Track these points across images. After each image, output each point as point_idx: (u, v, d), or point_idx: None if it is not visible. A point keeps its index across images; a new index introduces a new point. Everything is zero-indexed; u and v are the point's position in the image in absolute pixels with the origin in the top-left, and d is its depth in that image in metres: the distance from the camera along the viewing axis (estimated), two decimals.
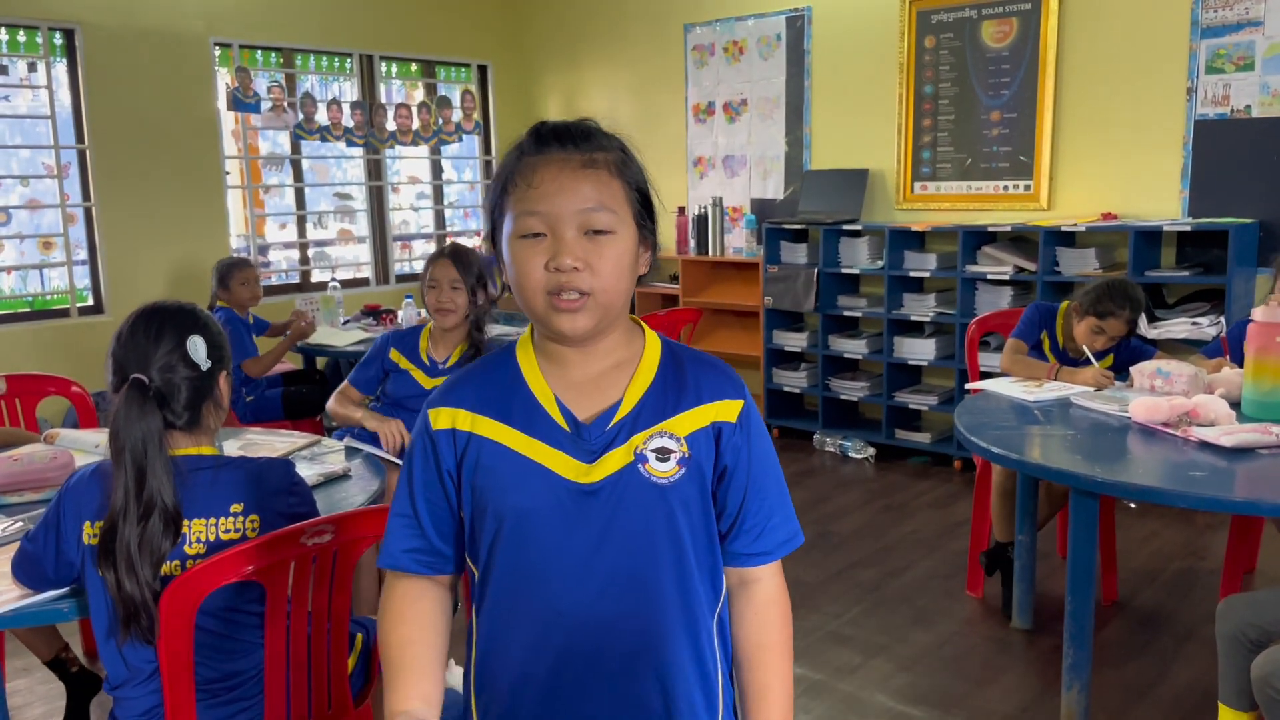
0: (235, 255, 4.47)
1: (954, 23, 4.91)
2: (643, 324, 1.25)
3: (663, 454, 1.15)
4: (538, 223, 1.11)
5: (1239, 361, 2.98)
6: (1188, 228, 4.11)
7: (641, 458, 1.15)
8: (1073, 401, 2.82)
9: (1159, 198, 4.43)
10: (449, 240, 6.80)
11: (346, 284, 6.10)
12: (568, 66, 6.66)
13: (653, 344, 1.22)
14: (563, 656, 1.16)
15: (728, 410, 1.19)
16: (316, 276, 6.11)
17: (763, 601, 1.23)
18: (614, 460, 1.15)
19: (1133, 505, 4.13)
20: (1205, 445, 2.33)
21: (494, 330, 4.31)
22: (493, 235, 1.20)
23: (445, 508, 1.20)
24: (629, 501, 1.14)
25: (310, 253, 6.16)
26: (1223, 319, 3.99)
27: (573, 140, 1.13)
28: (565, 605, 1.15)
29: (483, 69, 6.81)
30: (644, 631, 1.16)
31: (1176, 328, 4.06)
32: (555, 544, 1.15)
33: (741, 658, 1.23)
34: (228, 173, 5.65)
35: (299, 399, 4.25)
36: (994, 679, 2.83)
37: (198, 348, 1.64)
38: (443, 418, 1.18)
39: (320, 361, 4.93)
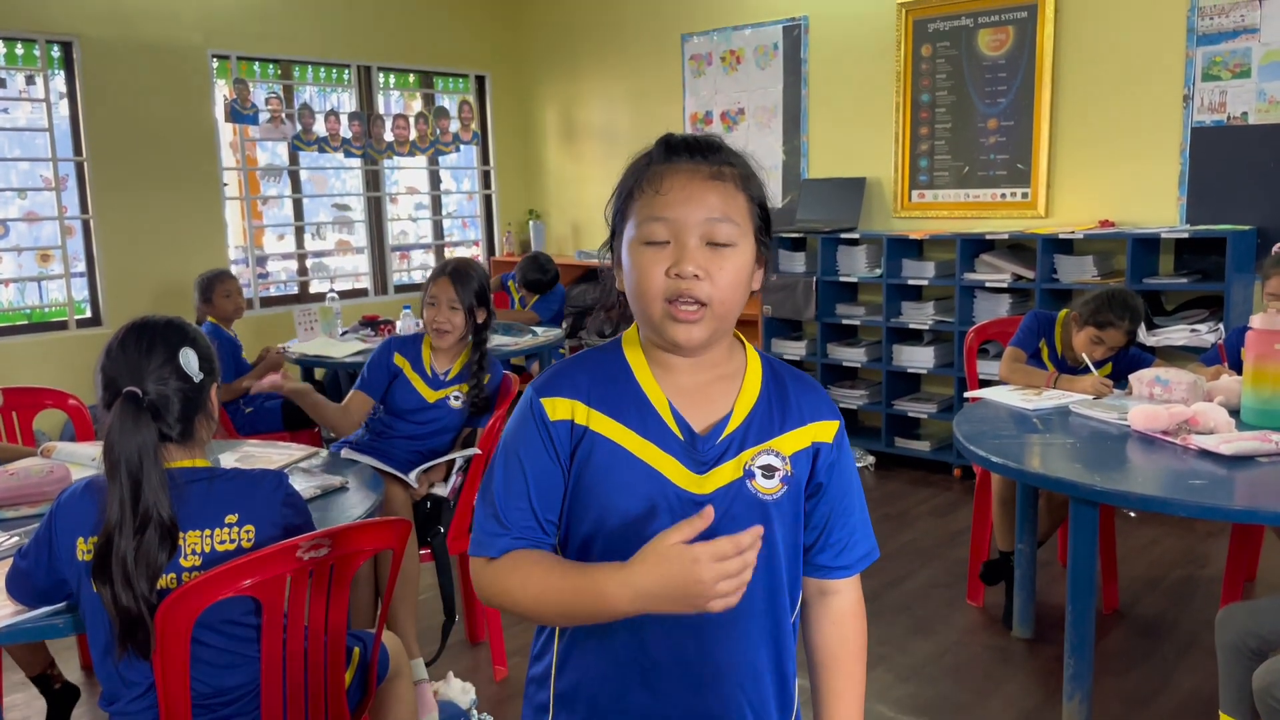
0: (215, 269, 4.46)
1: (950, 31, 4.92)
2: (742, 338, 1.26)
3: (768, 471, 1.18)
4: (662, 229, 1.12)
5: (1236, 368, 2.98)
6: (1186, 235, 4.11)
7: (749, 473, 1.17)
8: (1071, 410, 2.81)
9: (1157, 205, 4.43)
10: (449, 252, 6.82)
11: (345, 294, 6.10)
12: (566, 77, 6.67)
13: (754, 359, 1.24)
14: (653, 663, 1.16)
15: (826, 431, 1.23)
16: (315, 287, 6.11)
17: (842, 612, 1.27)
18: (724, 473, 1.16)
19: (1133, 514, 4.12)
20: (1205, 453, 2.32)
21: (491, 340, 4.30)
22: (610, 241, 1.21)
23: (557, 501, 1.18)
24: (735, 515, 1.15)
25: (308, 263, 6.16)
26: (1221, 326, 3.99)
27: (701, 152, 1.15)
28: (660, 616, 1.11)
29: (480, 79, 6.82)
30: (733, 640, 1.19)
31: (1175, 335, 4.06)
32: None
33: (817, 662, 1.28)
34: (226, 184, 5.66)
35: (298, 411, 4.24)
36: (995, 689, 2.81)
37: (190, 360, 1.64)
38: (560, 408, 1.16)
39: (319, 373, 4.93)
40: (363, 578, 2.57)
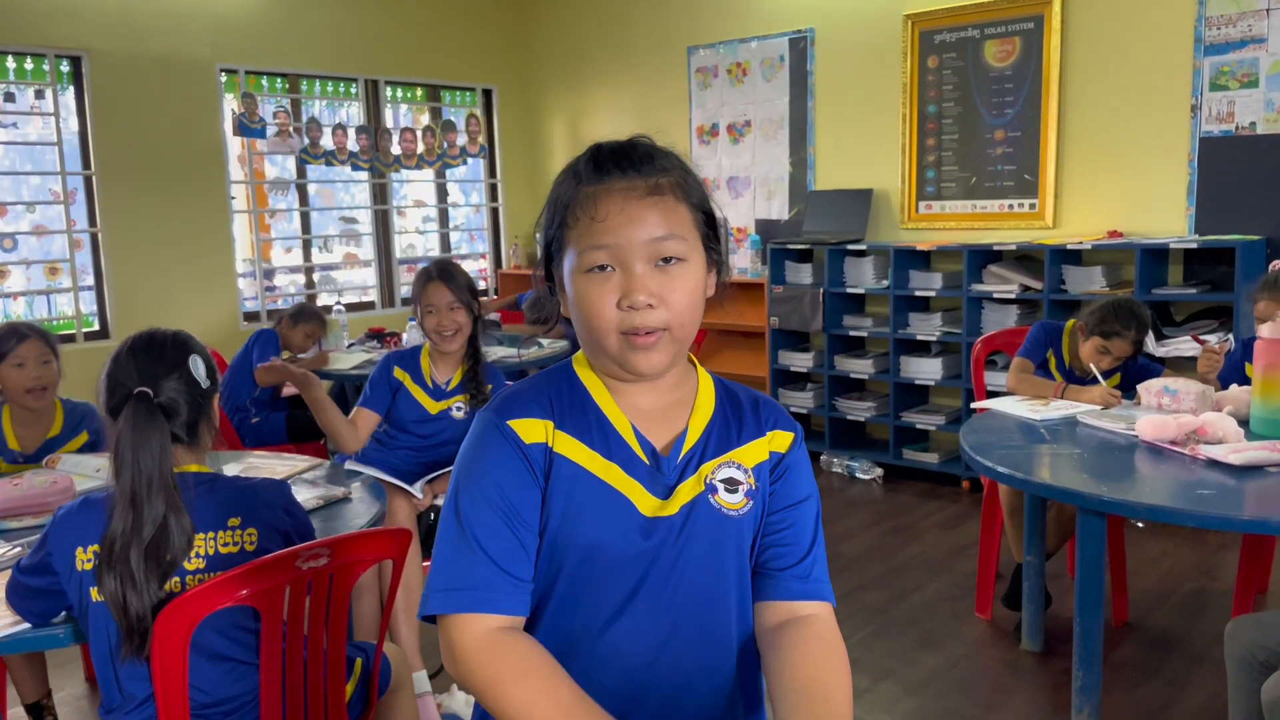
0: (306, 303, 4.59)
1: (956, 42, 4.92)
2: (693, 358, 1.22)
3: (731, 485, 1.13)
4: (605, 256, 1.06)
5: (1233, 380, 2.96)
6: (1194, 245, 4.09)
7: (711, 488, 1.12)
8: (1079, 420, 2.79)
9: (1165, 215, 4.41)
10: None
11: (352, 308, 6.11)
12: (572, 89, 6.69)
13: (705, 379, 1.21)
14: (628, 701, 1.09)
15: (781, 441, 1.19)
16: (322, 300, 6.12)
17: (821, 636, 1.12)
18: (686, 491, 1.11)
19: (1140, 524, 4.09)
20: (1214, 463, 2.30)
21: (496, 352, 4.31)
22: (547, 267, 1.15)
23: (534, 530, 1.09)
24: (699, 534, 1.11)
25: (315, 276, 6.17)
26: (1231, 336, 3.96)
27: (634, 165, 1.08)
28: (629, 646, 1.09)
29: (488, 93, 6.85)
30: (711, 669, 1.14)
31: (1185, 346, 4.03)
32: (623, 580, 1.09)
33: (798, 688, 1.06)
34: (233, 197, 5.68)
35: (304, 423, 4.24)
36: (1004, 702, 2.79)
37: (199, 366, 1.67)
38: (533, 430, 1.09)
39: (325, 385, 4.92)
40: (366, 588, 2.56)
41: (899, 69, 5.12)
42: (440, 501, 2.99)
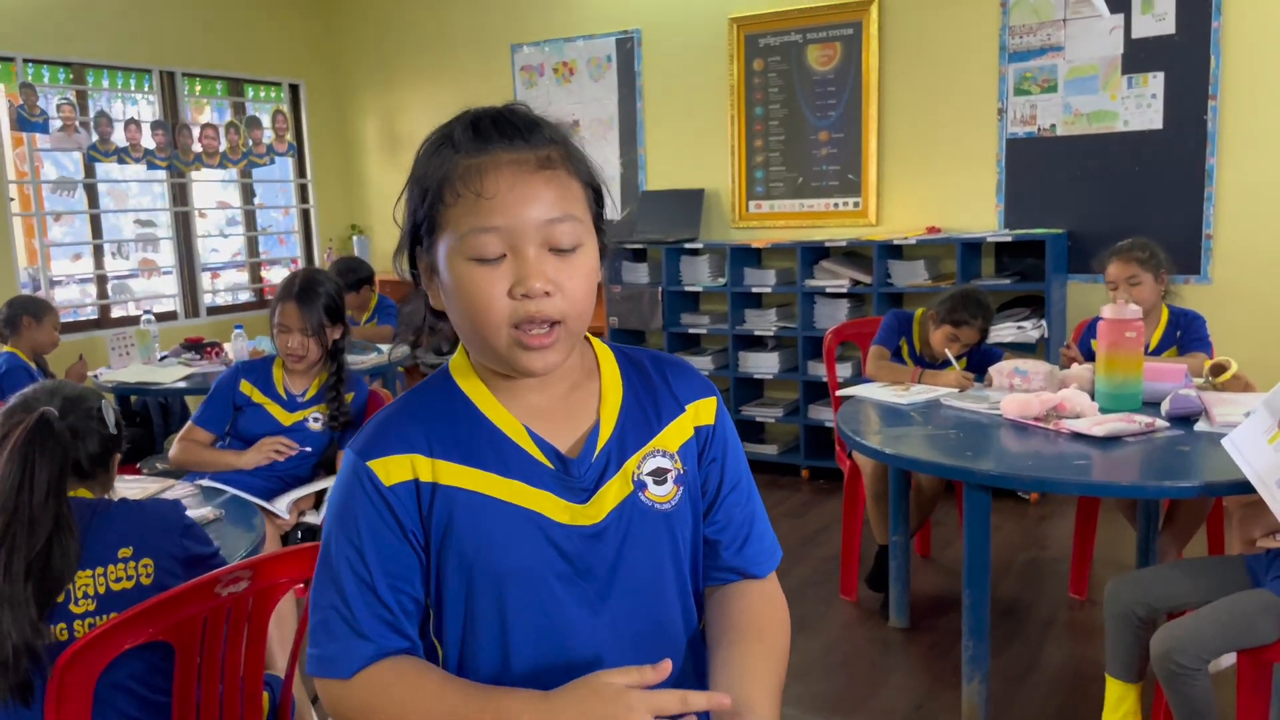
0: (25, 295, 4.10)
1: (780, 46, 5.07)
2: (588, 334, 1.08)
3: (659, 476, 1.03)
4: (495, 241, 0.93)
5: (1089, 357, 3.19)
6: (1009, 239, 4.38)
7: (640, 484, 1.02)
8: (942, 402, 2.92)
9: (977, 211, 4.71)
10: (265, 271, 6.42)
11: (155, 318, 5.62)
12: (386, 86, 6.43)
13: (604, 353, 1.09)
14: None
15: (705, 411, 1.09)
16: (118, 312, 5.60)
17: (764, 590, 1.10)
18: (611, 493, 1.00)
19: (1029, 497, 4.34)
20: (1077, 436, 2.45)
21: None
22: (411, 254, 1.02)
23: (412, 583, 0.98)
24: (634, 536, 1.01)
25: (109, 286, 5.63)
26: (1044, 322, 4.28)
27: (520, 133, 0.96)
28: (572, 660, 0.99)
29: (294, 88, 6.48)
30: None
31: (1003, 332, 4.31)
32: (557, 601, 0.99)
33: (731, 626, 1.06)
34: (12, 199, 5.10)
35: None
36: (885, 679, 2.87)
37: (108, 412, 1.62)
38: (396, 468, 0.97)
39: (131, 400, 4.49)
40: (283, 615, 2.35)
41: (726, 71, 5.22)
42: (308, 519, 2.78)
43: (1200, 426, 2.49)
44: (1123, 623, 2.24)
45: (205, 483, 2.58)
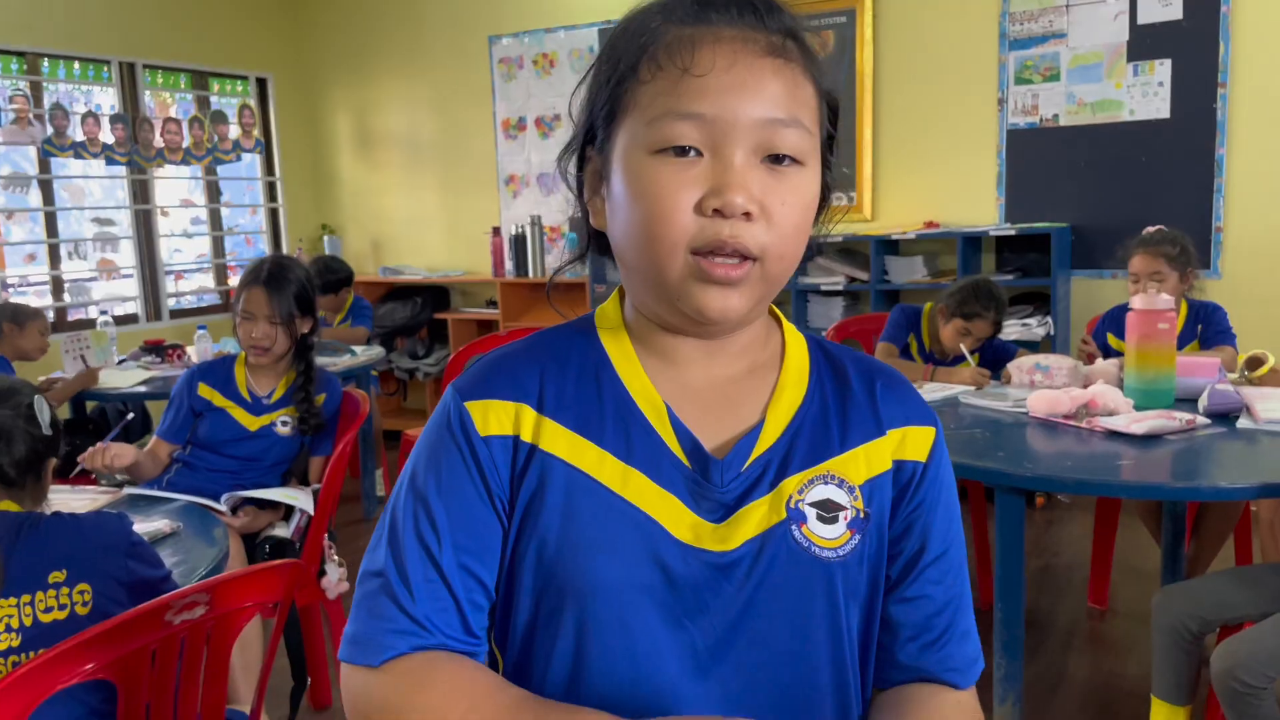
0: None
1: None
2: (776, 311, 0.87)
3: (828, 510, 0.77)
4: (693, 131, 0.70)
5: (1106, 354, 3.02)
6: (1012, 233, 4.22)
7: (797, 515, 0.76)
8: (961, 401, 2.74)
9: (977, 205, 4.54)
10: (231, 272, 6.15)
11: (115, 321, 5.34)
12: (359, 80, 6.19)
13: (795, 340, 0.85)
14: None
15: (916, 443, 0.82)
16: (75, 315, 5.32)
17: (964, 709, 0.82)
18: (755, 516, 0.76)
19: (1064, 499, 4.17)
20: (1114, 435, 2.27)
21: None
22: (581, 153, 0.79)
23: (486, 563, 0.76)
24: (775, 583, 0.76)
25: (66, 287, 5.35)
26: (1050, 319, 4.11)
27: (753, 9, 0.73)
28: None
29: (262, 82, 6.22)
30: None
31: (1008, 329, 4.14)
32: (653, 644, 0.75)
33: None
34: None
35: (71, 454, 3.60)
36: None
37: (44, 410, 1.42)
38: (496, 417, 0.76)
39: (88, 406, 4.22)
40: (247, 643, 2.12)
41: None
42: (276, 532, 2.54)
43: (1243, 423, 2.32)
44: (1172, 638, 2.06)
45: (161, 492, 2.34)
